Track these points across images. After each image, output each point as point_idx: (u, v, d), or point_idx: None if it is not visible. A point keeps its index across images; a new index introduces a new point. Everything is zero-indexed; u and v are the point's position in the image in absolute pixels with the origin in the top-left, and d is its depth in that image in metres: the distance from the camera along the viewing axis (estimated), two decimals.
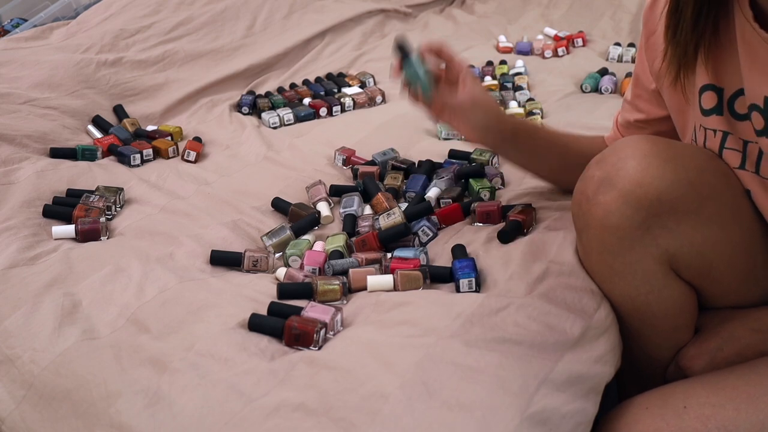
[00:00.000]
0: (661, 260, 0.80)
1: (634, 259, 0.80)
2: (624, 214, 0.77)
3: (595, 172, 0.80)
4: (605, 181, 0.78)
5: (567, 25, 2.13)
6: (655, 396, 0.81)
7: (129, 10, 1.83)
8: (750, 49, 0.74)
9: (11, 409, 0.82)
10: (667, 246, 0.79)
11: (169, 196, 1.24)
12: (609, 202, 0.77)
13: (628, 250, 0.79)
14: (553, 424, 0.73)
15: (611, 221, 0.78)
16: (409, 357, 0.78)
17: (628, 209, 0.77)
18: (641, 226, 0.77)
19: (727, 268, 0.82)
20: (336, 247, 1.06)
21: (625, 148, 0.79)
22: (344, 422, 0.71)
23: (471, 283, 0.92)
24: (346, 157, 1.34)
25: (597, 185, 0.79)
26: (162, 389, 0.78)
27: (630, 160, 0.77)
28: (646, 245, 0.79)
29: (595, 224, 0.80)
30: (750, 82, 0.76)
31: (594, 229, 0.81)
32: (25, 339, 0.87)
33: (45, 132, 1.39)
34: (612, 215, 0.78)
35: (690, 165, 0.78)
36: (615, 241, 0.79)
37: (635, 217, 0.77)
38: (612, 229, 0.78)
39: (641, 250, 0.79)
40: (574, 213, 0.85)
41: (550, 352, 0.79)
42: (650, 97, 0.93)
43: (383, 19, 2.16)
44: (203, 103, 1.66)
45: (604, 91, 1.63)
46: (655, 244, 0.79)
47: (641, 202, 0.76)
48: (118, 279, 0.97)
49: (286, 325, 0.86)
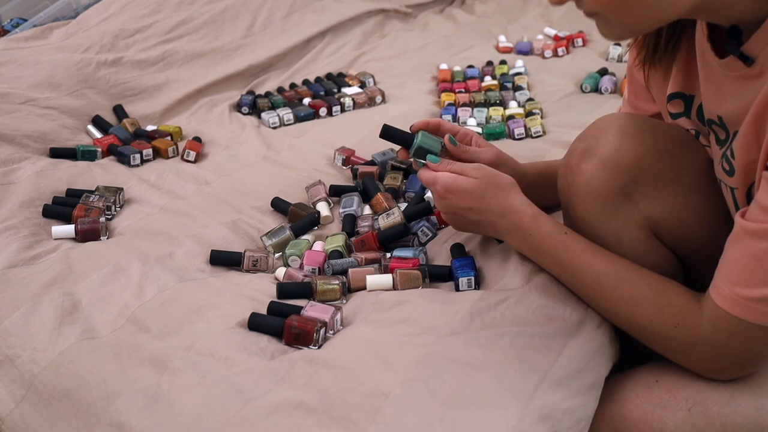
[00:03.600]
0: (643, 226, 0.83)
1: (618, 225, 0.83)
2: (605, 180, 0.81)
3: (578, 145, 0.85)
4: (587, 151, 0.82)
5: (567, 25, 2.13)
6: (631, 372, 0.83)
7: (129, 10, 1.83)
8: (706, 66, 0.77)
9: (11, 408, 0.82)
10: (648, 212, 0.82)
11: (168, 196, 1.24)
12: (590, 170, 0.81)
13: (612, 217, 0.82)
14: (554, 419, 0.73)
15: (593, 187, 0.81)
16: (409, 355, 0.78)
17: (608, 174, 0.80)
18: (622, 191, 0.81)
19: (706, 239, 0.84)
20: (335, 247, 1.06)
21: (605, 120, 0.84)
22: (345, 420, 0.71)
23: (470, 281, 0.92)
24: (345, 157, 1.34)
25: (579, 156, 0.83)
26: (162, 389, 0.78)
27: (609, 130, 0.82)
28: (629, 211, 0.82)
29: (580, 192, 0.83)
30: (706, 98, 0.79)
31: (578, 197, 0.84)
32: (24, 339, 0.87)
33: (45, 132, 1.39)
34: (594, 181, 0.81)
35: (667, 135, 0.83)
36: (598, 208, 0.82)
37: (615, 182, 0.80)
38: (594, 195, 0.82)
39: (624, 216, 0.82)
40: (560, 186, 0.88)
41: (550, 344, 0.79)
42: (646, 94, 0.95)
43: (383, 19, 2.16)
44: (203, 103, 1.66)
45: (604, 91, 1.63)
46: (636, 210, 0.82)
47: (619, 167, 0.80)
48: (117, 279, 0.97)
49: (285, 325, 0.86)
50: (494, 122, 1.52)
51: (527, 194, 0.94)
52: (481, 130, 1.45)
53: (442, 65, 1.85)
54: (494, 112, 1.54)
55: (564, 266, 0.84)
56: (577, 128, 1.42)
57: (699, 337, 0.74)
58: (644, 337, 0.80)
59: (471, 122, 1.51)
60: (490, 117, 1.54)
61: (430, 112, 1.58)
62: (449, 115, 1.54)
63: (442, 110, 1.57)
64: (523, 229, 0.86)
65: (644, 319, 0.78)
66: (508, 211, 0.87)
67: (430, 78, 1.81)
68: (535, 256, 0.88)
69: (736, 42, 0.70)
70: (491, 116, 1.53)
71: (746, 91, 0.70)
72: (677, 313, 0.76)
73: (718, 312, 0.72)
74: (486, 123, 1.52)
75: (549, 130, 1.45)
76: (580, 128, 1.40)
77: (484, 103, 1.60)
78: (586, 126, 1.46)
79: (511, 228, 0.87)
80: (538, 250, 0.86)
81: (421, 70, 1.84)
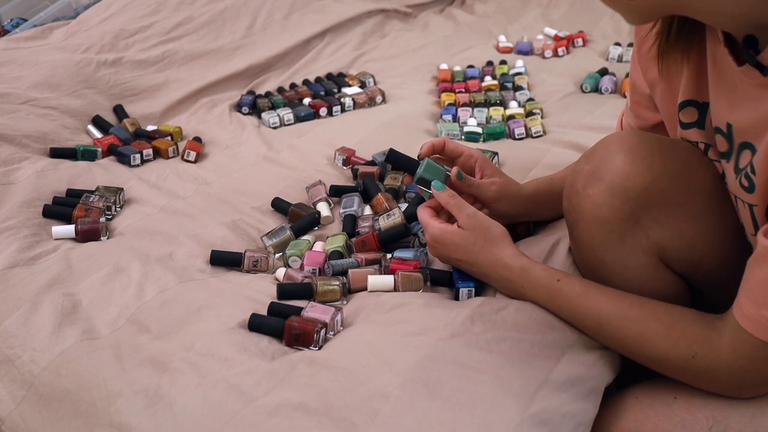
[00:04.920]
0: (651, 252, 0.81)
1: (625, 252, 0.81)
2: (612, 206, 0.78)
3: (584, 166, 0.81)
4: (594, 174, 0.79)
5: (567, 25, 2.13)
6: (646, 386, 0.82)
7: (129, 10, 1.83)
8: (718, 71, 0.74)
9: (11, 409, 0.82)
10: (657, 238, 0.80)
11: (168, 196, 1.24)
12: (597, 195, 0.79)
13: (618, 243, 0.80)
14: (553, 424, 0.73)
15: (600, 213, 0.79)
16: (410, 357, 0.78)
17: (616, 201, 0.78)
18: (630, 218, 0.78)
19: (716, 261, 0.83)
20: (336, 248, 1.06)
21: (613, 142, 0.80)
22: (345, 422, 0.71)
23: (471, 292, 0.92)
24: (346, 157, 1.34)
25: (586, 179, 0.80)
26: (162, 389, 0.78)
27: (617, 153, 0.78)
28: (636, 238, 0.79)
29: (585, 217, 0.81)
30: (715, 105, 0.76)
31: (584, 222, 0.81)
32: (25, 339, 0.87)
33: (45, 132, 1.39)
34: (600, 207, 0.79)
35: (677, 158, 0.79)
36: (604, 233, 0.80)
37: (623, 208, 0.78)
38: (601, 222, 0.79)
39: (631, 242, 0.80)
40: (565, 207, 0.86)
41: (550, 350, 0.79)
42: (648, 103, 0.93)
43: (383, 19, 2.16)
44: (203, 103, 1.66)
45: (604, 91, 1.63)
46: (645, 236, 0.79)
47: (629, 194, 0.77)
48: (118, 279, 0.97)
49: (286, 325, 0.86)
50: (494, 122, 1.51)
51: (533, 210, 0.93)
52: (481, 130, 1.45)
53: (443, 65, 1.85)
54: (494, 112, 1.54)
55: (563, 311, 0.83)
56: (577, 128, 1.43)
57: (719, 364, 0.72)
58: (660, 369, 0.78)
59: (471, 122, 1.51)
60: (490, 117, 1.54)
61: (431, 112, 1.58)
62: (449, 115, 1.54)
63: (443, 110, 1.57)
64: (513, 282, 0.86)
65: (657, 353, 0.76)
66: (496, 266, 0.87)
67: (430, 78, 1.81)
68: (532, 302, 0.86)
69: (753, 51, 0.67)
70: (491, 116, 1.53)
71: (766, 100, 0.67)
72: (693, 343, 0.73)
73: (740, 335, 0.69)
74: (486, 123, 1.52)
75: (549, 130, 1.45)
76: (580, 128, 1.42)
77: (484, 103, 1.60)
78: (587, 126, 1.46)
79: (502, 281, 0.87)
80: (534, 301, 0.85)
81: (421, 70, 1.84)
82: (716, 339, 0.72)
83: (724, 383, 0.74)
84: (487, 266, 0.88)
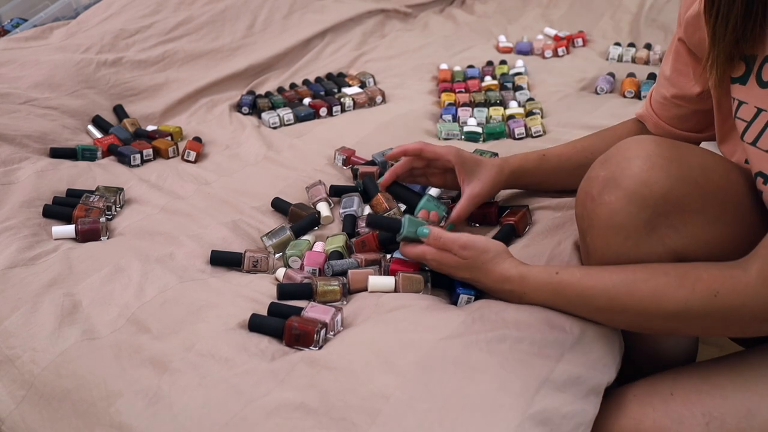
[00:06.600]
0: (667, 260, 0.80)
1: (640, 259, 0.80)
2: (630, 214, 0.77)
3: (599, 173, 0.80)
4: (610, 181, 0.78)
5: (567, 25, 2.13)
6: (644, 384, 0.82)
7: (129, 10, 1.83)
8: None
9: (11, 409, 0.82)
10: (674, 245, 0.79)
11: (169, 196, 1.24)
12: (614, 202, 0.77)
13: (633, 250, 0.79)
14: (553, 424, 0.73)
15: (617, 221, 0.78)
16: (410, 357, 0.78)
17: (633, 208, 0.77)
18: (647, 225, 0.77)
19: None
20: (336, 248, 1.06)
21: (630, 147, 0.79)
22: (345, 422, 0.71)
23: (470, 299, 0.92)
24: (346, 157, 1.34)
25: (602, 185, 0.79)
26: (162, 389, 0.78)
27: (635, 160, 0.77)
28: (653, 245, 0.79)
29: (600, 224, 0.80)
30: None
31: (599, 229, 0.80)
32: (25, 339, 0.87)
33: (45, 132, 1.39)
34: (617, 215, 0.78)
35: (694, 164, 0.78)
36: (620, 240, 0.79)
37: (641, 215, 0.77)
38: (617, 229, 0.78)
39: (647, 249, 0.79)
40: (578, 214, 0.85)
41: (550, 350, 0.79)
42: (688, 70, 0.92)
43: (383, 19, 2.16)
44: (203, 103, 1.65)
45: (600, 91, 1.63)
46: (661, 243, 0.78)
47: (646, 201, 0.76)
48: (118, 279, 0.97)
49: (286, 326, 0.86)
50: (494, 122, 1.52)
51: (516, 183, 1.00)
52: (481, 130, 1.45)
53: (442, 65, 1.85)
54: (494, 111, 1.54)
55: (570, 301, 0.82)
56: (577, 128, 1.43)
57: (746, 295, 0.71)
58: (684, 325, 0.76)
59: (471, 122, 1.51)
60: (490, 117, 1.54)
61: (431, 112, 1.58)
62: (449, 115, 1.54)
63: (442, 110, 1.57)
64: (515, 292, 0.86)
65: (676, 305, 0.74)
66: (497, 282, 0.88)
67: (430, 78, 1.81)
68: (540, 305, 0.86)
69: None
70: (491, 116, 1.53)
71: None
72: (712, 282, 0.72)
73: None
74: (486, 123, 1.52)
75: (549, 130, 1.45)
76: (580, 128, 1.42)
77: (484, 103, 1.60)
78: (587, 126, 1.45)
79: (505, 293, 0.88)
80: (541, 303, 0.85)
81: (421, 70, 1.84)
82: (740, 274, 0.72)
83: (752, 317, 0.73)
84: (489, 283, 0.89)
